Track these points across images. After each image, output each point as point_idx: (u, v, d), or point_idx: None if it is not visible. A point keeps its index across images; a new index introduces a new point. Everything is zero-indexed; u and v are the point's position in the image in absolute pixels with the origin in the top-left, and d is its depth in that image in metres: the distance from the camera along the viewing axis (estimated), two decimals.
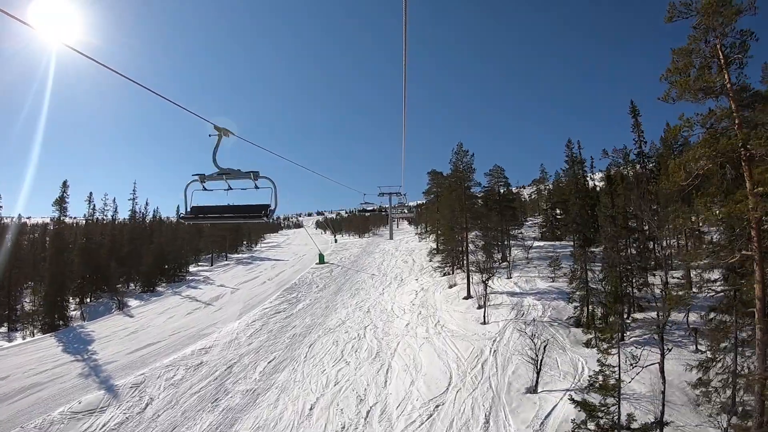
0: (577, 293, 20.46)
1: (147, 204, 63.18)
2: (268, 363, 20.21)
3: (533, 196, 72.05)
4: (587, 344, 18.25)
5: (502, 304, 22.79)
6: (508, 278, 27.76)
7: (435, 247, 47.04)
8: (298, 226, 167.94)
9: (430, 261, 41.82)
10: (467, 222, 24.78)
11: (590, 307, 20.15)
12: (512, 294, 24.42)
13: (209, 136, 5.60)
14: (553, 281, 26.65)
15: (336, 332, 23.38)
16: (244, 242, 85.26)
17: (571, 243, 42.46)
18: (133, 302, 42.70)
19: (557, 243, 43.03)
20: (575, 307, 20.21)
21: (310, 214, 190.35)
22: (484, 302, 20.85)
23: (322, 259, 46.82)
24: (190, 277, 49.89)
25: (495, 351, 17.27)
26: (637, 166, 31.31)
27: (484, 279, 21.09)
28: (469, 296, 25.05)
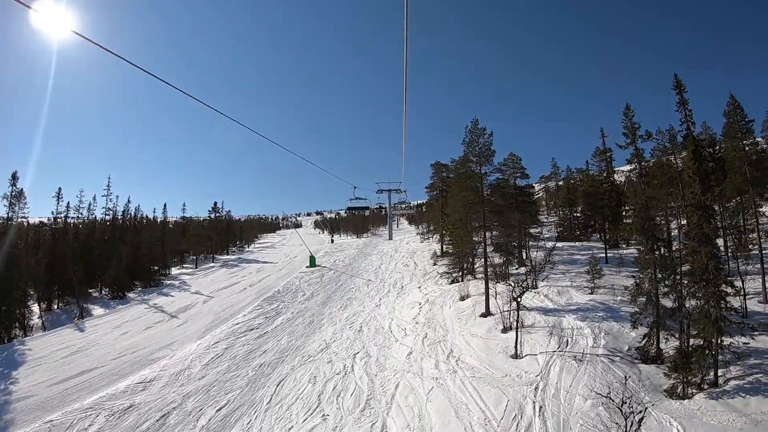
0: (643, 315, 14.53)
1: (129, 201, 56.81)
2: (217, 411, 14.24)
3: (539, 194, 66.39)
4: (671, 393, 12.29)
5: (534, 325, 16.83)
6: (533, 288, 21.77)
7: (440, 249, 41.14)
8: (297, 225, 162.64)
9: (435, 264, 35.89)
10: (485, 218, 18.89)
11: (659, 333, 14.25)
12: (545, 311, 18.45)
13: None
14: (592, 293, 20.70)
15: (316, 362, 17.42)
16: (237, 242, 79.63)
17: (598, 243, 36.47)
18: (97, 310, 36.96)
19: (578, 244, 37.16)
20: (644, 336, 14.26)
21: (309, 214, 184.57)
22: (517, 327, 14.83)
23: (313, 262, 40.88)
24: (169, 281, 44.03)
25: (542, 407, 11.30)
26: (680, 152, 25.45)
27: (515, 296, 15.10)
28: (488, 313, 19.09)
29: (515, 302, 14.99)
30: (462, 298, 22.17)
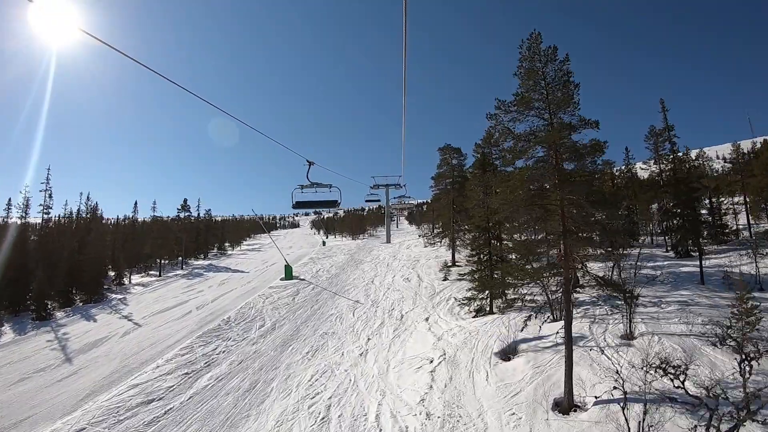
0: None
1: (88, 199, 47.33)
2: None
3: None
4: None
5: None
6: (630, 339, 12.08)
7: (451, 257, 31.61)
8: (294, 225, 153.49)
9: (445, 279, 26.33)
10: (564, 215, 9.03)
11: None
12: (692, 408, 8.82)
13: None
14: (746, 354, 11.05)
15: None
16: (225, 244, 70.14)
17: (658, 250, 26.79)
18: (7, 335, 27.60)
19: (634, 252, 27.48)
20: None
21: (307, 214, 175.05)
22: None
23: (289, 274, 31.24)
24: (115, 295, 34.54)
25: None
26: None
27: (718, 425, 5.60)
28: (571, 403, 9.46)
29: None
30: (506, 357, 12.53)
